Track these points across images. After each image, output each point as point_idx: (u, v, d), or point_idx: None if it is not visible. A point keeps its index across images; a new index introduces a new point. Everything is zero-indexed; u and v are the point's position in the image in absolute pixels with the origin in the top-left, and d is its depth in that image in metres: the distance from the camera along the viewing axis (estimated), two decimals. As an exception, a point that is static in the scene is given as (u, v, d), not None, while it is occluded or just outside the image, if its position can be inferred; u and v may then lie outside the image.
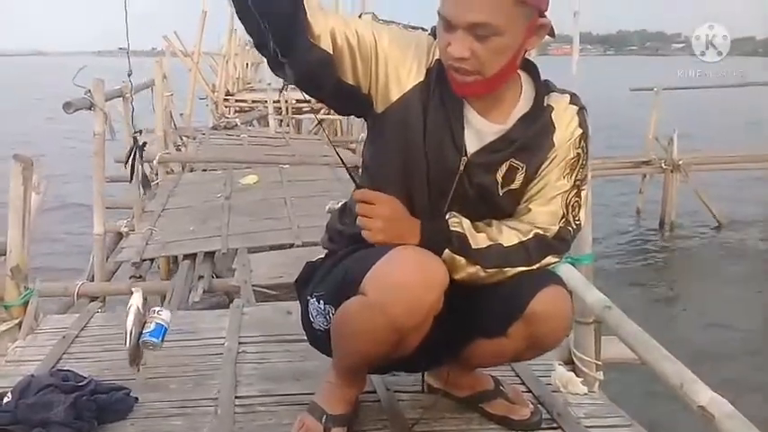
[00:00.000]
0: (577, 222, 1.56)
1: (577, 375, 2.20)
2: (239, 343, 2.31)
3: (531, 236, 1.53)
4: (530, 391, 1.98)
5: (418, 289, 1.41)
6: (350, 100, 1.48)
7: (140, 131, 3.92)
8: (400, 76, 1.46)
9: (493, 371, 1.93)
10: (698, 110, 18.88)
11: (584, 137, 1.54)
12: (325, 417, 1.66)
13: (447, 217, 1.53)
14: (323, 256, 1.73)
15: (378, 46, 1.43)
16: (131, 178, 4.71)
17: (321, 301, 1.62)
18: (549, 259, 1.56)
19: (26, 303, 2.50)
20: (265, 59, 1.39)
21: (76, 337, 2.42)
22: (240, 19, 1.32)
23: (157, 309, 1.83)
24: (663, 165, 8.65)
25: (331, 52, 1.38)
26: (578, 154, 1.53)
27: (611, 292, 2.29)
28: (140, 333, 1.77)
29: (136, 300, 1.78)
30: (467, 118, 1.49)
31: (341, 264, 1.60)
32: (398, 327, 1.44)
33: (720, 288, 7.12)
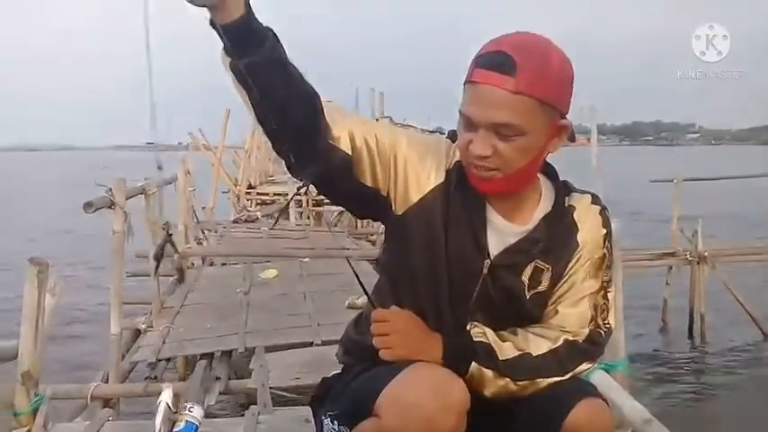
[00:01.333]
0: (607, 325, 1.50)
1: (617, 493, 2.05)
2: (255, 457, 2.19)
3: (560, 342, 1.46)
4: None
5: (435, 412, 1.29)
6: (368, 202, 1.45)
7: (167, 223, 3.93)
8: (420, 178, 1.43)
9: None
10: (718, 199, 18.81)
11: (609, 236, 1.51)
12: None
13: (468, 328, 1.46)
14: (339, 371, 1.65)
15: (397, 148, 1.41)
16: (156, 271, 4.66)
17: (335, 422, 1.52)
18: (583, 366, 1.48)
19: (36, 410, 2.41)
20: (283, 161, 1.35)
21: (85, 447, 2.31)
22: (259, 123, 1.30)
23: (189, 405, 1.75)
24: (688, 256, 8.50)
25: (350, 153, 1.36)
26: (604, 254, 1.50)
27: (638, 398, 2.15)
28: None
29: (165, 396, 1.71)
30: (489, 220, 1.45)
31: (356, 380, 1.51)
32: None
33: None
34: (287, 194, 11.49)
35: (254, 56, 1.20)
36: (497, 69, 1.31)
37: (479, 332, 1.46)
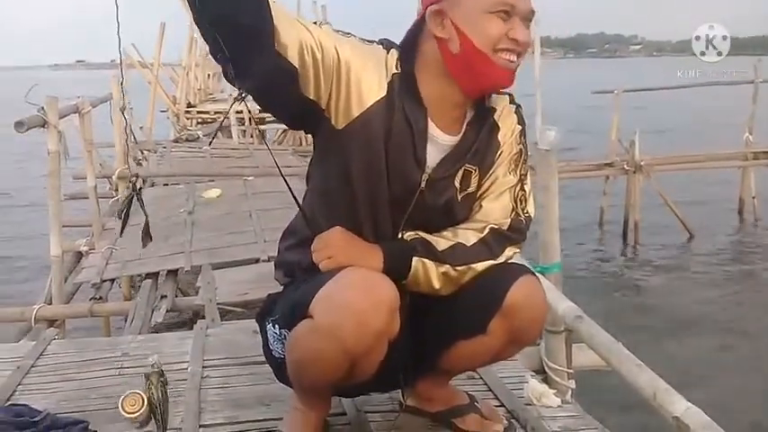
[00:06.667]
0: (526, 214, 1.60)
1: (550, 385, 2.18)
2: (203, 367, 2.23)
3: (487, 231, 1.55)
4: (503, 406, 1.94)
5: (365, 311, 1.36)
6: (304, 115, 1.43)
7: (136, 176, 3.54)
8: (362, 91, 1.42)
9: (465, 385, 1.89)
10: (661, 110, 19.27)
11: (524, 133, 1.61)
12: (292, 444, 1.60)
13: (400, 235, 1.52)
14: (281, 290, 1.68)
15: (341, 60, 1.38)
16: (122, 232, 4.49)
17: (277, 326, 1.58)
18: (510, 251, 1.58)
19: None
20: (221, 68, 1.29)
21: (32, 366, 2.30)
22: (197, 26, 1.24)
23: None
24: (625, 166, 8.74)
25: (297, 66, 1.31)
26: (520, 149, 1.58)
27: (575, 299, 2.26)
28: None
29: None
30: (429, 133, 1.49)
31: (297, 289, 1.55)
32: (347, 350, 1.38)
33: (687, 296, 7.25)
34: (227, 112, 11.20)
35: None
36: None
37: (412, 234, 1.52)
